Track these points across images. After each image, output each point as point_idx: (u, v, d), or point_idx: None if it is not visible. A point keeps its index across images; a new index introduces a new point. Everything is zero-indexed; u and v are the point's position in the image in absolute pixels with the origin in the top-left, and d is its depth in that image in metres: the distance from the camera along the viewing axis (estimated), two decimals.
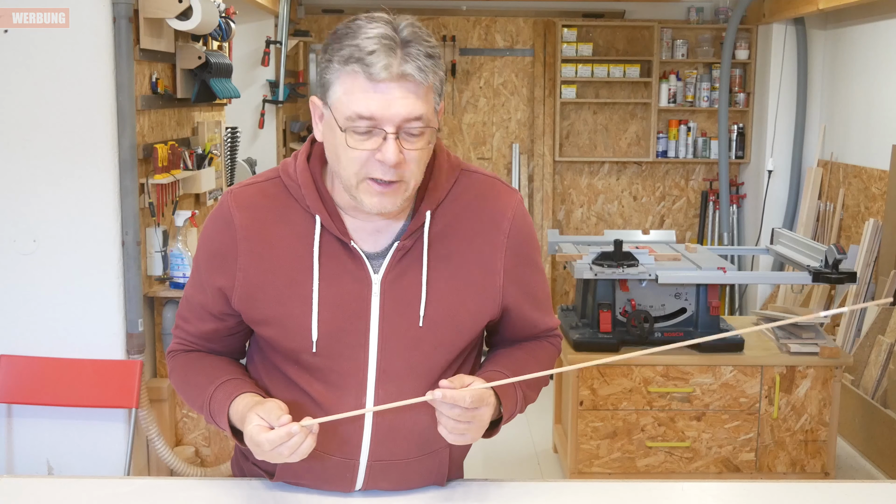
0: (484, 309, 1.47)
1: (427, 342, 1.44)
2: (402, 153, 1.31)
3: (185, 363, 1.55)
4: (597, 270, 3.41)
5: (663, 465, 3.53)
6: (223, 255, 1.46)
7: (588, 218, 6.25)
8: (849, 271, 3.42)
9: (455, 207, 1.46)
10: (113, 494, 1.52)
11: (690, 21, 5.99)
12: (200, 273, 1.50)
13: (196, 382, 1.51)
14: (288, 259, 1.43)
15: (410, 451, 1.49)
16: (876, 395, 4.06)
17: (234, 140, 4.33)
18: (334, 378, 1.44)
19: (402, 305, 1.43)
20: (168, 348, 1.60)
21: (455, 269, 1.44)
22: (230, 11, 3.65)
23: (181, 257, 3.12)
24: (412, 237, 1.43)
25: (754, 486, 1.61)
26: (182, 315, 1.56)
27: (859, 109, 4.95)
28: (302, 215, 1.44)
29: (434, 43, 1.34)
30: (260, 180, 1.49)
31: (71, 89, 2.86)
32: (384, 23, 1.31)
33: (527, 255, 1.51)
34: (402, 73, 1.28)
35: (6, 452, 3.01)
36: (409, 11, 6.30)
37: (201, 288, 1.50)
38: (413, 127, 1.31)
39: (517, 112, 6.14)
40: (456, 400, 1.33)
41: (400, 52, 1.29)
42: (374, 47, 1.28)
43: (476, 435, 1.40)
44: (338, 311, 1.42)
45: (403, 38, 1.30)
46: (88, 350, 2.96)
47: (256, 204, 1.45)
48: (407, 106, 1.29)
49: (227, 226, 1.45)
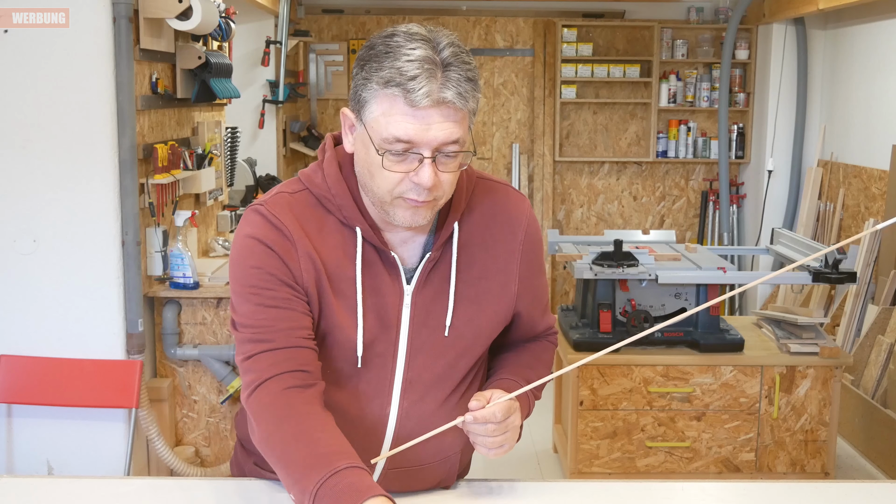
0: (502, 315, 1.50)
1: (452, 351, 1.46)
2: (437, 175, 1.30)
3: (308, 420, 1.32)
4: (597, 270, 3.41)
5: (663, 465, 3.53)
6: (283, 250, 1.36)
7: (588, 218, 6.25)
8: (849, 271, 3.41)
9: (475, 216, 1.47)
10: (113, 494, 1.52)
11: (690, 21, 5.99)
12: (264, 277, 1.37)
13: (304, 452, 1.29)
14: (332, 269, 1.40)
15: (427, 458, 1.51)
16: (876, 395, 4.06)
17: (234, 140, 4.33)
18: (363, 386, 1.45)
19: (430, 316, 1.44)
20: (247, 391, 1.37)
21: (477, 278, 1.46)
22: (230, 11, 3.65)
23: (181, 257, 3.12)
24: (440, 248, 1.44)
25: (754, 486, 1.61)
26: (258, 339, 1.36)
27: (859, 109, 4.95)
28: (338, 226, 1.41)
29: (473, 64, 1.31)
30: (286, 191, 1.43)
31: (71, 89, 2.86)
32: (424, 42, 1.28)
33: (537, 260, 1.53)
34: (443, 100, 1.27)
35: (6, 452, 3.01)
36: (409, 11, 6.30)
37: (271, 287, 1.36)
38: (449, 150, 1.30)
39: (517, 112, 6.14)
40: (487, 418, 1.36)
41: (440, 76, 1.26)
42: (416, 72, 1.25)
43: (513, 444, 1.42)
44: (374, 321, 1.42)
45: (444, 60, 1.27)
46: (88, 350, 2.95)
47: (295, 212, 1.40)
48: (444, 130, 1.28)
49: (275, 227, 1.37)
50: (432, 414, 1.45)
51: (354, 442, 1.39)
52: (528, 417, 1.53)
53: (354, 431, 1.41)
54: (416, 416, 1.46)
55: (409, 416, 1.46)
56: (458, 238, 1.44)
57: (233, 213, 4.08)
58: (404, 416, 1.46)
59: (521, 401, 1.48)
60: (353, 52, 6.03)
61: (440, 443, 1.49)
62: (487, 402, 1.37)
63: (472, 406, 1.36)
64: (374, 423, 1.46)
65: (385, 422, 1.46)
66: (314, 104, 6.04)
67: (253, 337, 1.37)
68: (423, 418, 1.45)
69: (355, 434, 1.41)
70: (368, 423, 1.45)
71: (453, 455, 1.54)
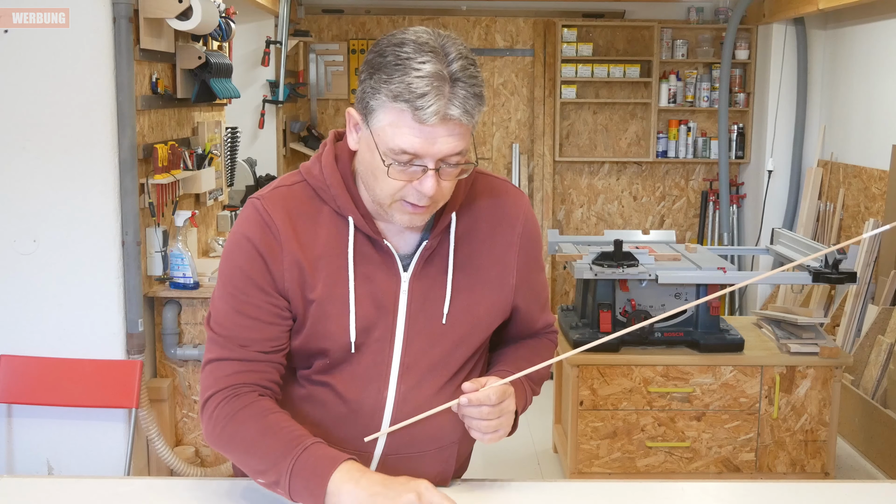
0: (499, 307, 1.54)
1: (448, 339, 1.49)
2: (439, 184, 1.35)
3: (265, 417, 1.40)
4: (597, 270, 3.41)
5: (663, 465, 3.53)
6: (269, 252, 1.43)
7: (588, 218, 6.25)
8: (849, 271, 3.41)
9: (474, 208, 1.51)
10: (113, 494, 1.52)
11: (690, 21, 5.99)
12: (246, 280, 1.43)
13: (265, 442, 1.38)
14: (326, 259, 1.45)
15: (423, 444, 1.53)
16: (876, 395, 4.06)
17: (234, 140, 4.33)
18: (360, 371, 1.48)
19: (427, 303, 1.47)
20: (206, 394, 1.45)
21: (475, 269, 1.50)
22: (230, 11, 3.65)
23: (181, 257, 3.12)
24: (438, 236, 1.48)
25: (754, 486, 1.61)
26: (226, 345, 1.44)
27: (859, 109, 4.95)
28: (332, 216, 1.46)
29: (480, 77, 1.34)
30: (285, 184, 1.49)
31: (71, 89, 2.86)
32: (433, 54, 1.30)
33: (535, 254, 1.57)
34: (449, 117, 1.30)
35: (6, 452, 3.01)
36: (409, 11, 6.28)
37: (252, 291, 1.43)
38: (452, 160, 1.35)
39: (517, 112, 6.14)
40: (481, 400, 1.39)
41: (447, 92, 1.29)
42: (426, 90, 1.28)
43: (507, 429, 1.46)
44: (370, 307, 1.46)
45: (453, 75, 1.30)
46: (88, 350, 2.96)
47: (288, 206, 1.45)
48: (449, 144, 1.32)
49: (266, 226, 1.43)
50: (429, 400, 1.47)
51: (352, 426, 1.47)
52: (524, 411, 1.56)
53: (353, 416, 1.47)
54: (413, 401, 1.48)
55: (407, 401, 1.48)
56: (456, 228, 1.49)
57: (233, 213, 4.08)
58: (402, 401, 1.48)
59: (517, 392, 1.51)
60: (353, 53, 6.03)
61: (438, 430, 1.52)
62: (483, 387, 1.41)
63: (467, 388, 1.40)
64: (373, 406, 1.48)
65: (382, 405, 1.48)
66: (314, 104, 6.04)
67: (222, 342, 1.45)
68: (420, 404, 1.47)
69: (354, 418, 1.47)
70: (367, 408, 1.48)
71: (451, 445, 1.55)
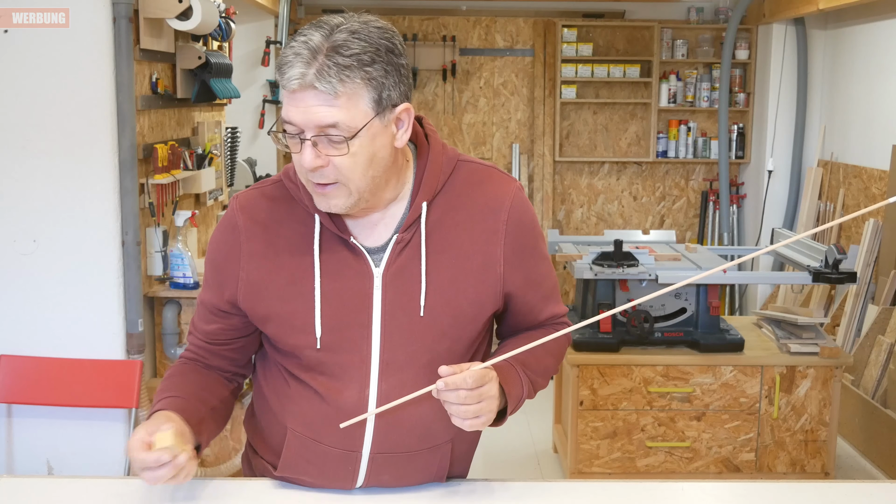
0: (485, 297, 1.48)
1: (429, 332, 1.45)
2: (319, 158, 1.34)
3: (170, 372, 1.59)
4: (597, 270, 3.41)
5: (663, 465, 3.53)
6: (227, 256, 1.50)
7: (588, 218, 6.25)
8: (849, 271, 3.41)
9: (452, 197, 1.47)
10: (113, 494, 1.52)
11: (690, 21, 5.99)
12: (208, 275, 1.55)
13: (158, 390, 1.56)
14: (290, 258, 1.46)
15: (413, 443, 1.50)
16: (876, 395, 4.06)
17: (234, 140, 4.33)
18: (338, 371, 1.46)
19: (404, 297, 1.44)
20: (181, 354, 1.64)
21: (454, 259, 1.46)
22: (230, 11, 3.65)
23: (181, 257, 3.12)
24: (410, 229, 1.45)
25: (754, 486, 1.61)
26: (193, 320, 1.60)
27: (859, 109, 4.95)
28: (303, 215, 1.47)
29: (375, 46, 1.32)
30: (265, 184, 1.54)
31: (71, 89, 2.86)
32: (319, 30, 1.32)
33: (527, 242, 1.51)
34: (310, 84, 1.30)
35: (6, 452, 3.01)
36: (409, 11, 6.30)
37: (209, 288, 1.55)
38: (333, 134, 1.33)
39: (517, 112, 6.14)
40: (458, 384, 1.35)
41: (320, 61, 1.29)
42: (290, 58, 1.31)
43: (490, 415, 1.40)
44: (340, 306, 1.44)
45: (332, 44, 1.30)
46: (88, 350, 2.96)
47: (259, 206, 1.50)
48: (318, 113, 1.31)
49: (232, 228, 1.50)
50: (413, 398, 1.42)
51: (336, 427, 1.45)
52: (523, 402, 1.51)
53: (337, 416, 1.44)
54: (397, 399, 1.44)
55: (390, 399, 1.44)
56: (433, 218, 1.45)
57: None
58: (384, 399, 1.45)
59: (511, 381, 1.46)
60: None
61: (428, 430, 1.49)
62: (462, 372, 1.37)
63: (443, 372, 1.36)
64: (355, 406, 1.46)
65: (365, 405, 1.46)
66: None
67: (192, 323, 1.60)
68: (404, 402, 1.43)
69: (338, 418, 1.44)
70: (349, 407, 1.45)
71: (443, 444, 1.52)
